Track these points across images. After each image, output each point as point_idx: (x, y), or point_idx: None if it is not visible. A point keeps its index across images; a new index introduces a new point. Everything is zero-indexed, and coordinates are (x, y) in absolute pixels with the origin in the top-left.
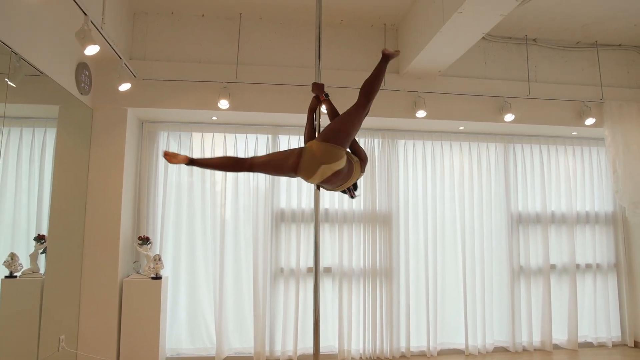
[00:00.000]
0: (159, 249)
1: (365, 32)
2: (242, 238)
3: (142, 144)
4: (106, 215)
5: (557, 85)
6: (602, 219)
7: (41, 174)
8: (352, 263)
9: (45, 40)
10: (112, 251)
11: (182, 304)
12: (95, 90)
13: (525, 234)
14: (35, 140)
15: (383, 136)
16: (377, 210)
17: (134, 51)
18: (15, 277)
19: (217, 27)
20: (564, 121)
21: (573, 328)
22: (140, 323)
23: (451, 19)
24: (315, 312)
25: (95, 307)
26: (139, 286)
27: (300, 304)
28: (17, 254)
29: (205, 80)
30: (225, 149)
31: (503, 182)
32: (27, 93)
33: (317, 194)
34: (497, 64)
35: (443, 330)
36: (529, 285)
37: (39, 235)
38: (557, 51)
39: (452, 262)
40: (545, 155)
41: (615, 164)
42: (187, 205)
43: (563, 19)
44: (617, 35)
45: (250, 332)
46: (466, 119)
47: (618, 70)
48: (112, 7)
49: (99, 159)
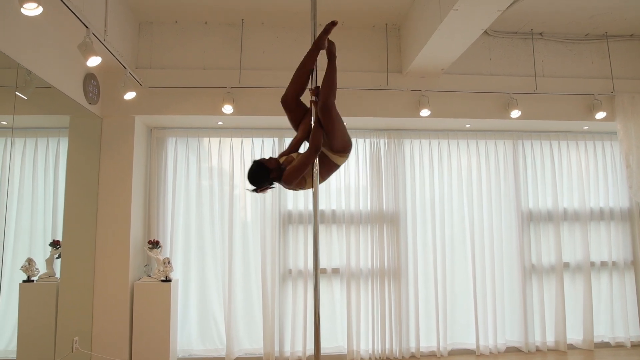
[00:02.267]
0: (169, 252)
1: (367, 33)
2: (250, 240)
3: (151, 149)
4: (117, 220)
5: (565, 80)
6: (618, 215)
7: (56, 181)
8: (360, 263)
9: (52, 54)
10: (123, 255)
11: (193, 306)
12: (103, 100)
13: (536, 232)
14: (50, 149)
15: (389, 136)
16: (384, 210)
17: (140, 60)
18: (33, 282)
19: (220, 34)
20: (574, 116)
21: (589, 327)
22: (151, 324)
23: (448, 16)
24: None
25: (108, 309)
26: (150, 289)
27: (308, 305)
28: (34, 259)
29: (209, 86)
30: (232, 153)
31: (512, 179)
32: (39, 104)
33: (316, 196)
34: (503, 59)
35: (453, 330)
36: (541, 283)
37: (54, 240)
38: (564, 44)
39: (461, 261)
40: (555, 150)
41: (629, 158)
42: (196, 209)
43: (570, 12)
44: (628, 25)
45: (259, 332)
46: (472, 117)
47: (629, 61)
48: (118, 18)
49: (109, 165)
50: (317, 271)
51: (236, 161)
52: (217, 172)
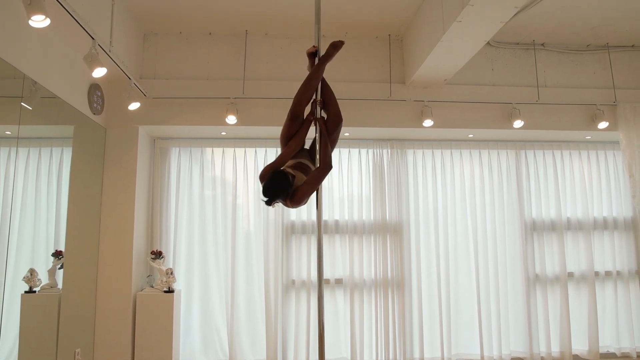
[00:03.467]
0: (172, 262)
1: (370, 44)
2: (253, 250)
3: (154, 160)
4: (120, 231)
5: (567, 90)
6: (622, 224)
7: (59, 191)
8: (363, 274)
9: (57, 65)
10: (126, 266)
11: (196, 316)
12: (107, 110)
13: (540, 242)
14: (53, 159)
15: (392, 146)
16: (387, 220)
17: (144, 71)
18: (35, 292)
19: (223, 45)
20: (576, 126)
21: (594, 338)
22: (154, 336)
23: (451, 27)
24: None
25: (110, 320)
26: (152, 299)
27: (312, 315)
28: (37, 270)
29: (213, 96)
30: (235, 163)
31: (515, 189)
32: (43, 115)
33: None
34: (505, 70)
35: (457, 340)
36: (545, 293)
37: (57, 251)
38: (566, 55)
39: (465, 271)
40: (558, 160)
41: (632, 167)
42: (199, 219)
43: (571, 23)
44: (629, 36)
45: (262, 343)
46: (475, 127)
47: (631, 71)
48: (122, 29)
49: (113, 176)
50: (322, 280)
51: (239, 171)
52: (220, 182)
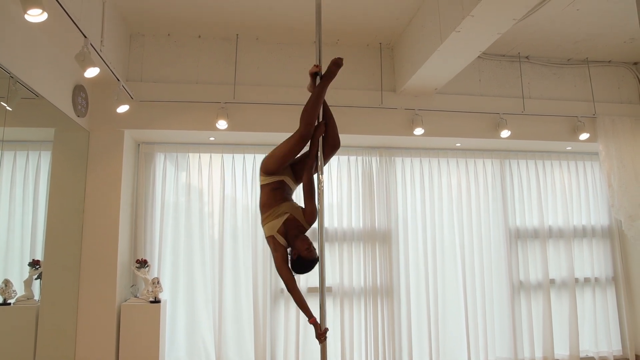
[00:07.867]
0: (157, 271)
1: (361, 52)
2: (241, 259)
3: (139, 165)
4: (103, 239)
5: (550, 102)
6: (599, 232)
7: (35, 198)
8: (352, 282)
9: (43, 63)
10: (110, 275)
11: (181, 327)
12: (91, 112)
13: (524, 249)
14: (30, 164)
15: (380, 154)
16: (376, 228)
17: (130, 73)
18: (9, 305)
19: (213, 48)
20: (559, 136)
21: (574, 342)
22: (139, 348)
23: (449, 37)
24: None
25: (93, 333)
26: (138, 310)
27: (301, 325)
28: (11, 281)
29: (202, 100)
30: (223, 169)
31: (500, 197)
32: (23, 116)
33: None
34: (492, 81)
35: (445, 346)
36: (529, 300)
37: (34, 260)
38: (549, 68)
39: (452, 278)
40: (540, 170)
41: (611, 178)
42: (185, 227)
43: (555, 37)
44: (607, 51)
45: (251, 353)
46: (463, 136)
47: (609, 86)
48: (108, 29)
49: (96, 181)
50: (323, 288)
51: (227, 178)
52: (207, 189)
